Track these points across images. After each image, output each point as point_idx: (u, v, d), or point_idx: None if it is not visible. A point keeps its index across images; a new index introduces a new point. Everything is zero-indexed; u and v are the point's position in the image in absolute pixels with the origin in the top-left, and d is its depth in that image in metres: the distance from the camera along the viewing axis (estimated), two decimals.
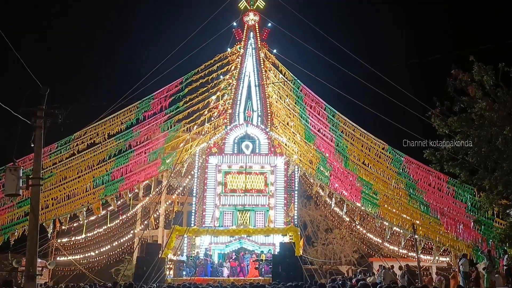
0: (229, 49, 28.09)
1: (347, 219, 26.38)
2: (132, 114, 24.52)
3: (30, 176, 12.49)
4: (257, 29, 28.87)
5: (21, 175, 12.18)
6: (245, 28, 28.81)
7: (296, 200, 26.90)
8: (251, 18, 28.71)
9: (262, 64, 28.42)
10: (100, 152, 23.77)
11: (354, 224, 26.97)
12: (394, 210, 22.45)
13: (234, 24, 28.51)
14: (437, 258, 23.27)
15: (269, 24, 28.86)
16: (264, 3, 28.63)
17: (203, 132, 26.93)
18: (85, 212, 23.66)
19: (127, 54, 59.78)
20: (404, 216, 22.03)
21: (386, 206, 22.51)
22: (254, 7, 28.63)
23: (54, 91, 12.99)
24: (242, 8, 28.70)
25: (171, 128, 25.42)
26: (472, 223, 18.83)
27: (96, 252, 27.32)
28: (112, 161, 23.96)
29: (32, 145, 12.77)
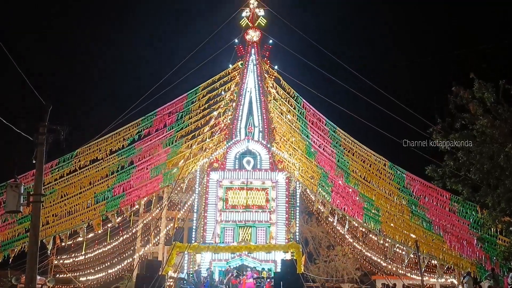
0: (230, 65, 28.32)
1: (349, 236, 26.19)
2: (134, 130, 24.61)
3: (31, 193, 12.48)
4: (258, 46, 29.14)
5: (22, 191, 12.18)
6: (247, 45, 29.08)
7: (297, 216, 26.74)
8: (253, 35, 28.99)
9: (263, 80, 28.60)
10: (102, 168, 23.78)
11: (356, 241, 26.77)
12: (396, 227, 22.30)
13: (236, 40, 28.80)
14: (441, 276, 23.00)
15: (270, 41, 29.14)
16: (265, 21, 28.96)
17: (204, 148, 26.96)
18: (85, 229, 23.56)
19: (130, 71, 60.33)
20: (407, 233, 21.87)
21: (388, 222, 22.37)
22: (256, 25, 28.95)
23: (56, 106, 13.07)
24: (243, 25, 29.01)
25: (173, 144, 25.48)
26: (475, 241, 18.68)
27: (96, 269, 27.08)
28: (113, 177, 23.95)
29: (34, 162, 12.80)
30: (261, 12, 28.74)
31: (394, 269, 26.72)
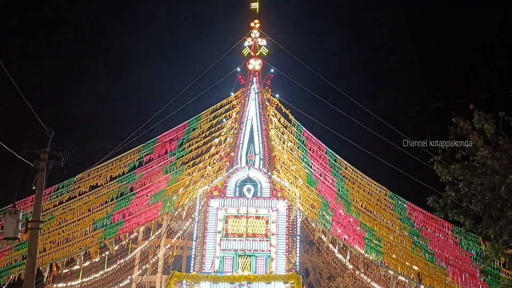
0: (232, 94, 28.61)
1: (351, 266, 25.81)
2: (135, 157, 24.64)
3: (29, 219, 12.42)
4: (260, 75, 29.51)
5: (20, 218, 12.12)
6: (249, 74, 29.46)
7: (298, 246, 26.41)
8: (254, 64, 29.41)
9: (264, 108, 28.82)
10: (102, 195, 23.69)
11: (358, 272, 26.35)
12: (398, 258, 22.01)
13: (238, 69, 29.20)
14: None
15: (272, 70, 29.53)
16: (268, 50, 29.45)
17: (205, 175, 26.92)
18: (82, 256, 23.27)
19: (130, 98, 60.93)
20: (409, 264, 21.57)
21: (390, 253, 22.10)
22: (258, 54, 29.41)
23: (56, 132, 13.14)
24: (246, 54, 29.49)
25: (174, 171, 25.47)
26: (478, 273, 18.40)
27: None
28: (113, 203, 23.83)
29: (34, 188, 12.77)
30: (263, 42, 29.26)
31: None
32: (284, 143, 27.78)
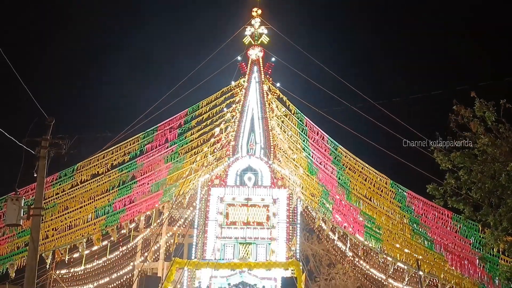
0: (233, 82, 28.53)
1: (350, 254, 26.01)
2: (136, 145, 24.69)
3: (31, 206, 12.52)
4: (261, 63, 29.39)
5: (22, 205, 12.22)
6: (249, 62, 29.34)
7: (298, 234, 26.58)
8: (255, 53, 29.28)
9: (265, 97, 28.76)
10: (103, 183, 23.80)
11: (357, 259, 26.57)
12: (397, 245, 22.16)
13: (239, 58, 29.08)
14: None
15: (273, 59, 29.40)
16: (268, 39, 29.28)
17: (205, 164, 26.99)
18: (85, 243, 23.48)
19: (132, 87, 60.78)
20: (408, 251, 21.72)
21: (389, 241, 22.25)
22: (259, 42, 29.26)
23: (58, 120, 13.18)
24: (246, 43, 29.34)
25: (175, 160, 25.54)
26: (477, 261, 18.52)
27: (95, 284, 26.86)
28: (114, 191, 23.95)
29: (35, 175, 12.86)
30: (264, 30, 29.09)
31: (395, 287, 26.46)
32: (285, 132, 27.78)
